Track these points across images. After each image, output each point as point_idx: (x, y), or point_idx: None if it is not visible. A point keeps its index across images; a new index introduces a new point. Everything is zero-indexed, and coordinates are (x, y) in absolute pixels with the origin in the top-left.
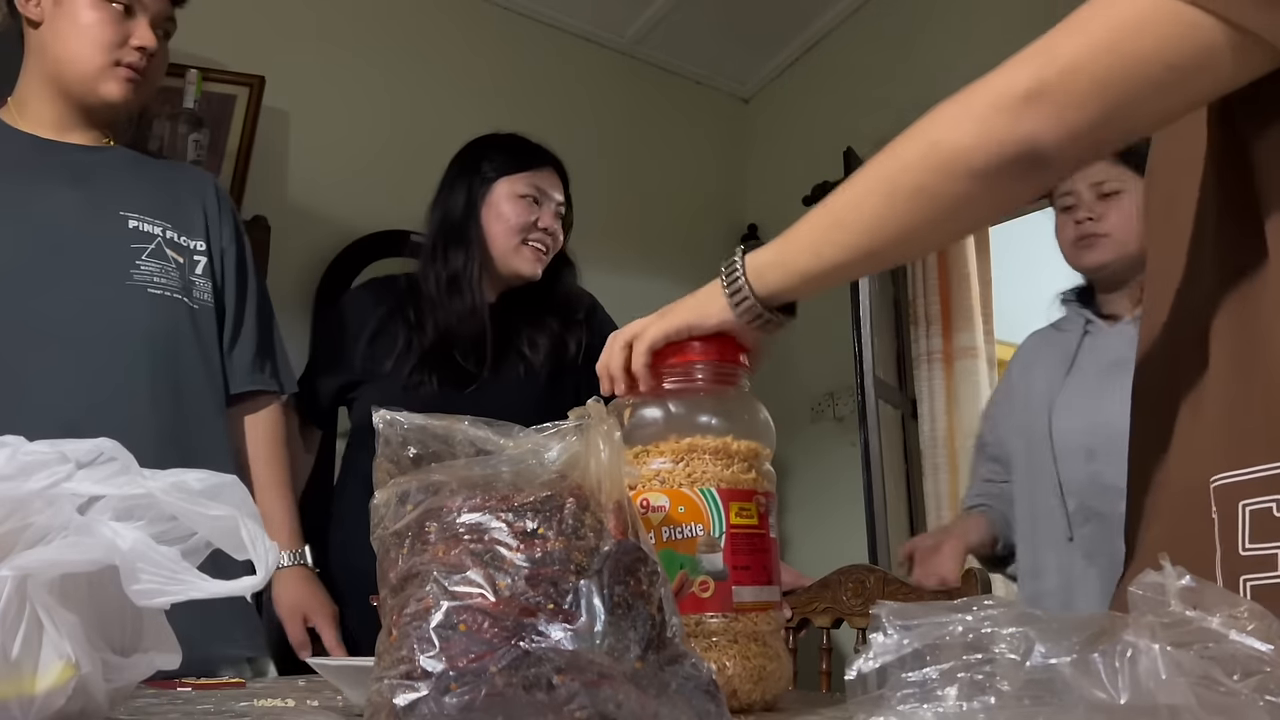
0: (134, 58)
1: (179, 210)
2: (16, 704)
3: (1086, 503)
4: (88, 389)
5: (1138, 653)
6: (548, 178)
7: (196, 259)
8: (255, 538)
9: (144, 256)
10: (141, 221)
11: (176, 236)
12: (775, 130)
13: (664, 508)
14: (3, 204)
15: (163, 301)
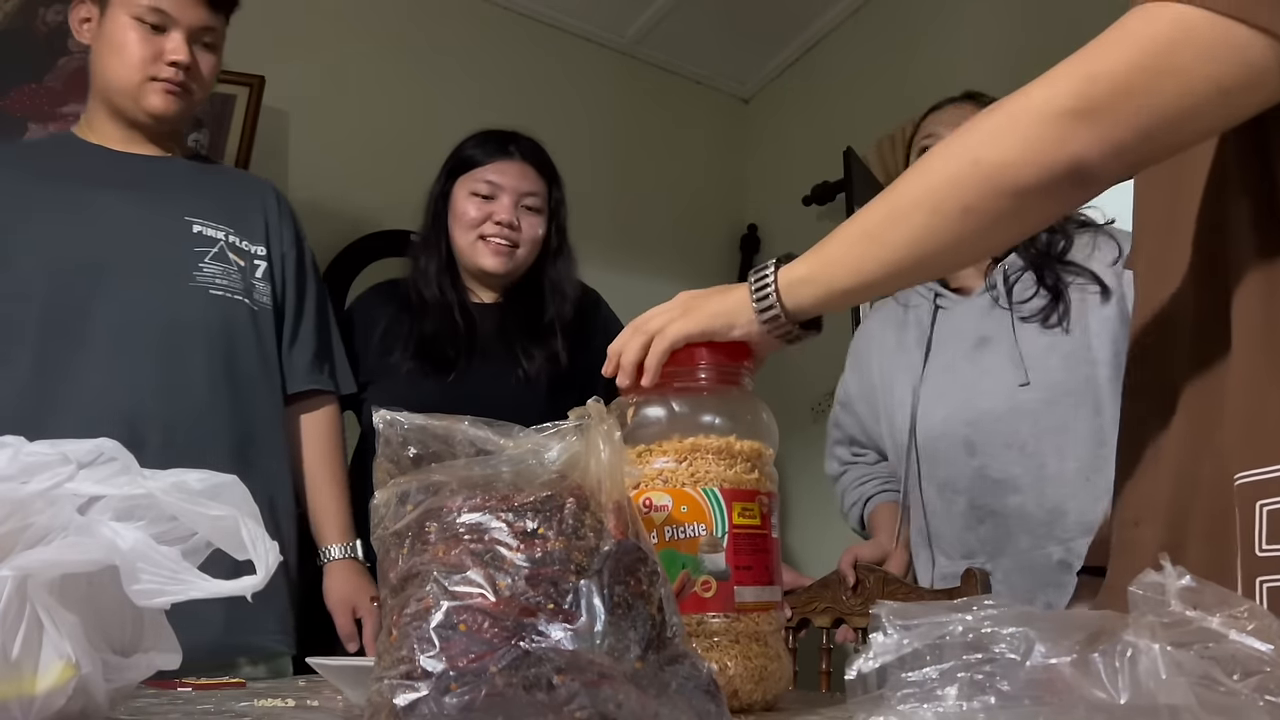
0: (169, 72)
1: (241, 216)
2: (17, 704)
3: (977, 501)
4: (144, 384)
5: (1138, 653)
6: (508, 169)
7: (257, 263)
8: (255, 538)
9: (207, 259)
10: (206, 226)
11: (239, 241)
12: (775, 130)
13: (666, 507)
14: (70, 208)
15: (224, 302)
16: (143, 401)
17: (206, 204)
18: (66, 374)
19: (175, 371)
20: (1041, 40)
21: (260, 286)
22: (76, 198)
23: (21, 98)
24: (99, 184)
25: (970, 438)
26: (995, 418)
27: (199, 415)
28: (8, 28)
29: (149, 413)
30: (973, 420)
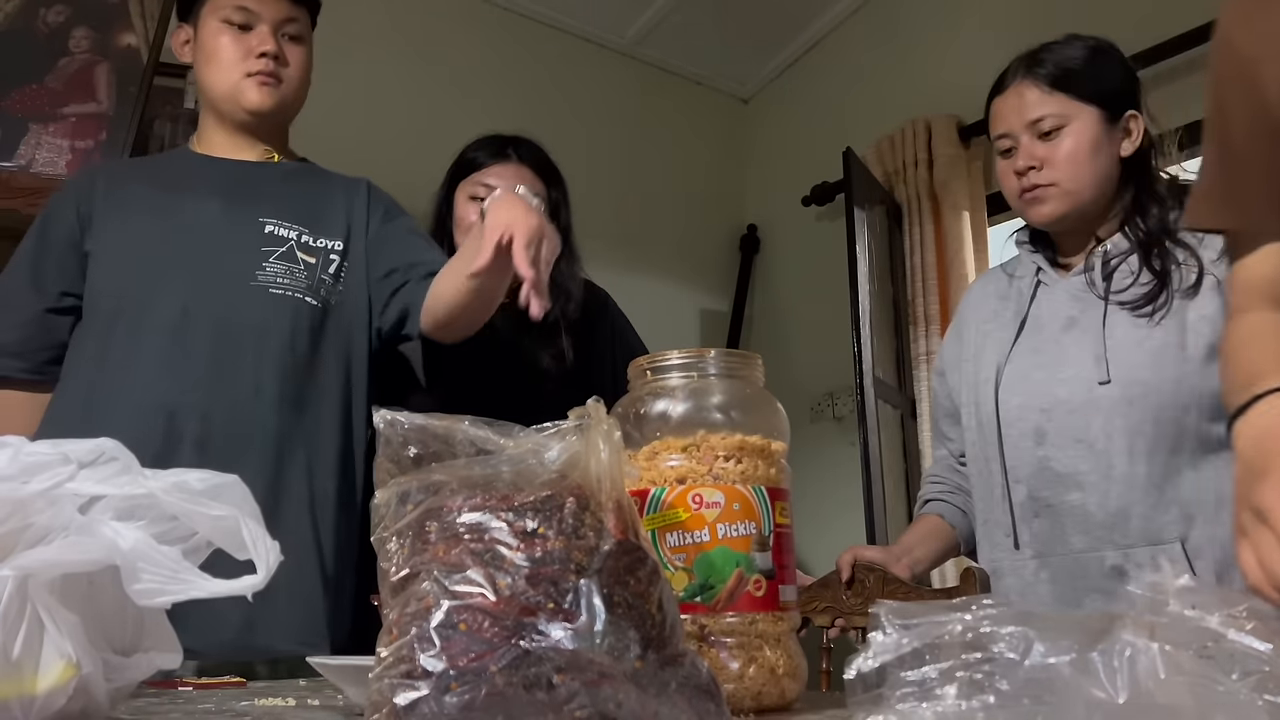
0: (259, 65)
1: (319, 214)
2: (18, 704)
3: (1037, 493)
4: (188, 378)
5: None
6: (506, 172)
7: (332, 258)
8: (256, 537)
9: (272, 259)
10: (278, 226)
11: (312, 240)
12: (775, 131)
13: (719, 504)
14: (153, 211)
15: (284, 301)
16: (185, 395)
17: (285, 205)
18: (120, 365)
19: (223, 368)
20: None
21: (330, 283)
22: (161, 202)
23: (22, 98)
24: (184, 189)
25: (1041, 426)
26: (1069, 409)
27: (240, 412)
28: (8, 28)
29: (190, 406)
30: (1047, 408)
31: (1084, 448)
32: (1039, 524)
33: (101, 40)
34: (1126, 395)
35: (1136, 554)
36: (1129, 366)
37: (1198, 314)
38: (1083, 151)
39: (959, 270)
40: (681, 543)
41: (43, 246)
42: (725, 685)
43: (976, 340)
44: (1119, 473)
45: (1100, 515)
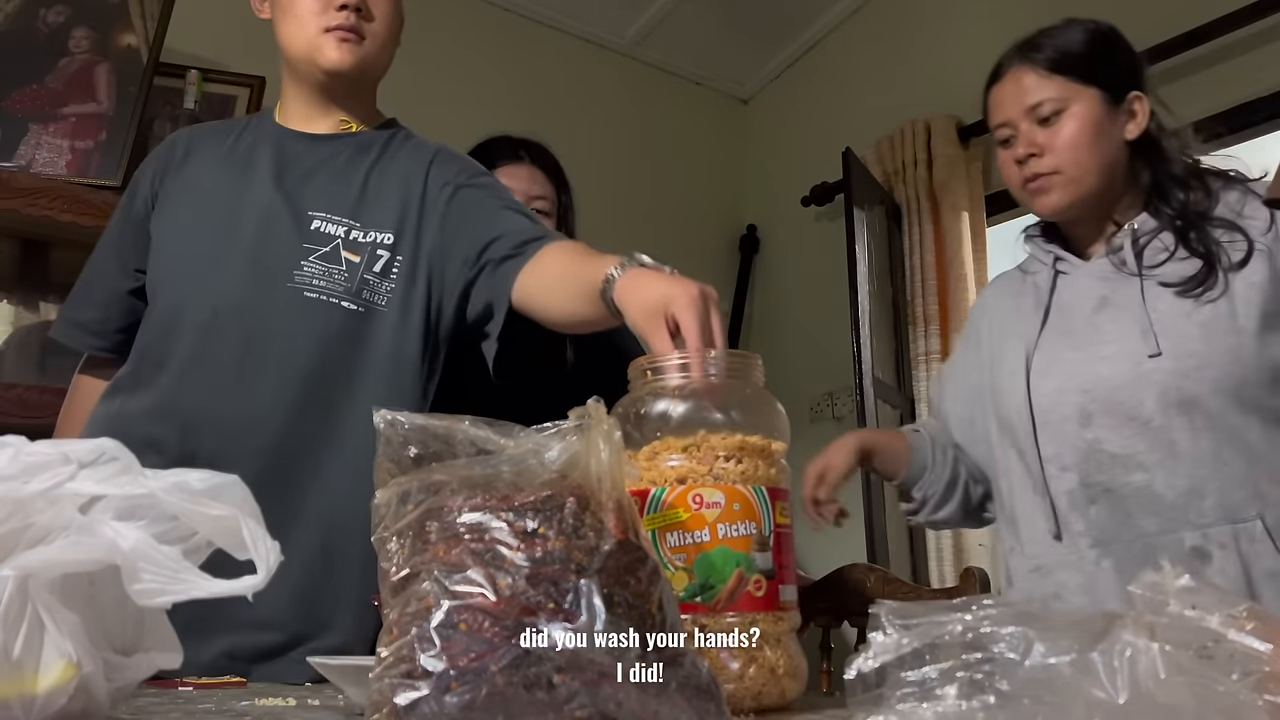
0: (339, 18)
1: (374, 202)
2: (18, 703)
3: (1090, 478)
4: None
5: (1137, 652)
6: (518, 173)
7: (379, 254)
8: (256, 537)
9: (313, 258)
10: (325, 222)
11: (362, 234)
12: (774, 131)
13: (720, 504)
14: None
15: (318, 306)
16: (202, 408)
17: (339, 194)
18: (152, 364)
19: (245, 381)
20: None
21: (374, 282)
22: (218, 186)
23: (22, 98)
24: (245, 170)
25: (1085, 407)
26: (1115, 386)
27: (257, 422)
28: (8, 28)
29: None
30: (1089, 388)
31: (1138, 426)
32: (1097, 511)
33: (101, 40)
34: (1180, 368)
35: (1217, 533)
36: (1179, 338)
37: (1246, 282)
38: (1085, 135)
39: (958, 270)
40: (682, 543)
41: (125, 218)
42: (725, 685)
43: (994, 341)
44: (1184, 449)
45: (1170, 495)
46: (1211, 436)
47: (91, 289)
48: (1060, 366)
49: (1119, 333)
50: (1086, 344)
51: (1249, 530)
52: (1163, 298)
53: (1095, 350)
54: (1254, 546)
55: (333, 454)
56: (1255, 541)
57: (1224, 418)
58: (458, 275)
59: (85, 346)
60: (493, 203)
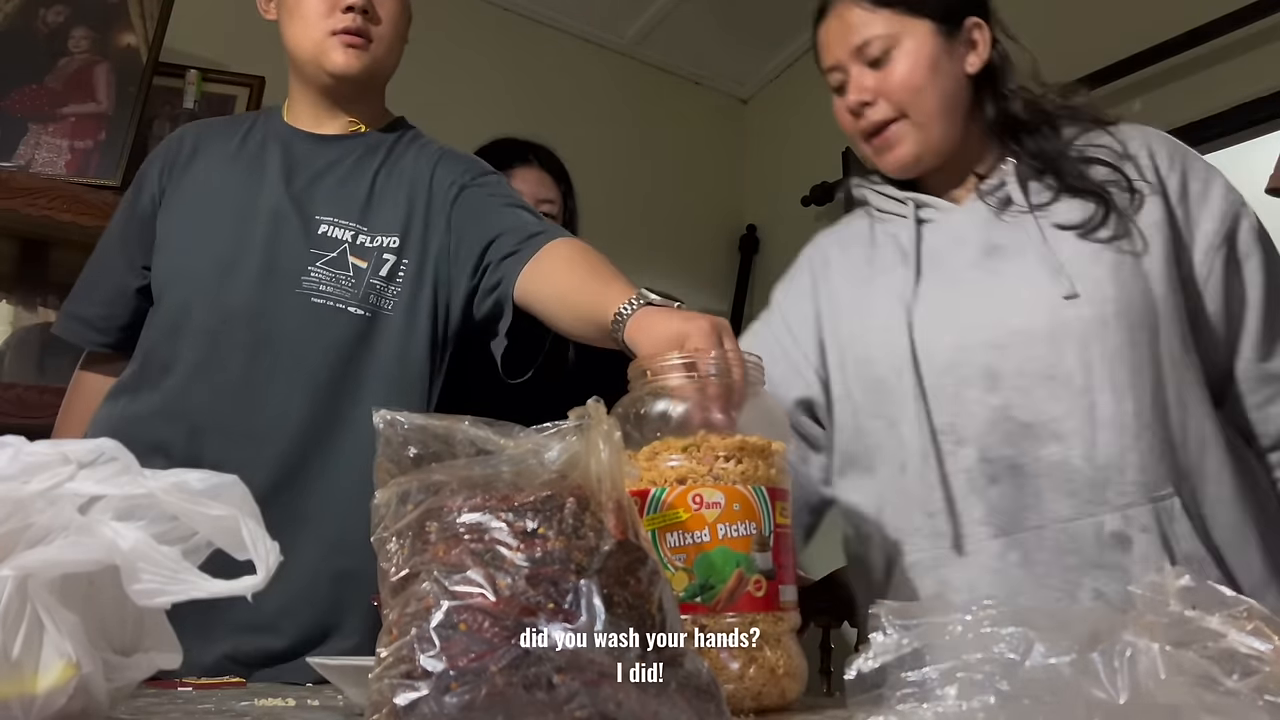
0: (345, 21)
1: (379, 205)
2: (18, 703)
3: (993, 452)
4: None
5: (1138, 653)
6: (527, 175)
7: (385, 258)
8: (256, 538)
9: (320, 264)
10: (333, 227)
11: (369, 239)
12: (774, 131)
13: (719, 504)
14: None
15: (325, 312)
16: (210, 416)
17: (346, 197)
18: (159, 366)
19: (252, 389)
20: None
21: (380, 286)
22: (227, 184)
23: (21, 98)
24: (254, 169)
25: (994, 366)
26: (1031, 339)
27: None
28: (8, 28)
29: (212, 430)
30: (1000, 343)
31: (1057, 386)
32: (998, 492)
33: (101, 40)
34: (1099, 315)
35: (1138, 514)
36: (1093, 281)
37: (1145, 223)
38: (919, 74)
39: None
40: (682, 543)
41: (131, 214)
42: (725, 685)
43: (846, 293)
44: (1105, 414)
45: (1089, 470)
46: (1134, 397)
47: (96, 285)
48: (955, 319)
49: (1025, 277)
50: (985, 292)
51: (1169, 508)
52: (1064, 240)
53: (1002, 297)
54: (1174, 527)
55: (339, 460)
56: (1175, 521)
57: (1144, 374)
58: (464, 275)
59: (88, 343)
60: (496, 200)
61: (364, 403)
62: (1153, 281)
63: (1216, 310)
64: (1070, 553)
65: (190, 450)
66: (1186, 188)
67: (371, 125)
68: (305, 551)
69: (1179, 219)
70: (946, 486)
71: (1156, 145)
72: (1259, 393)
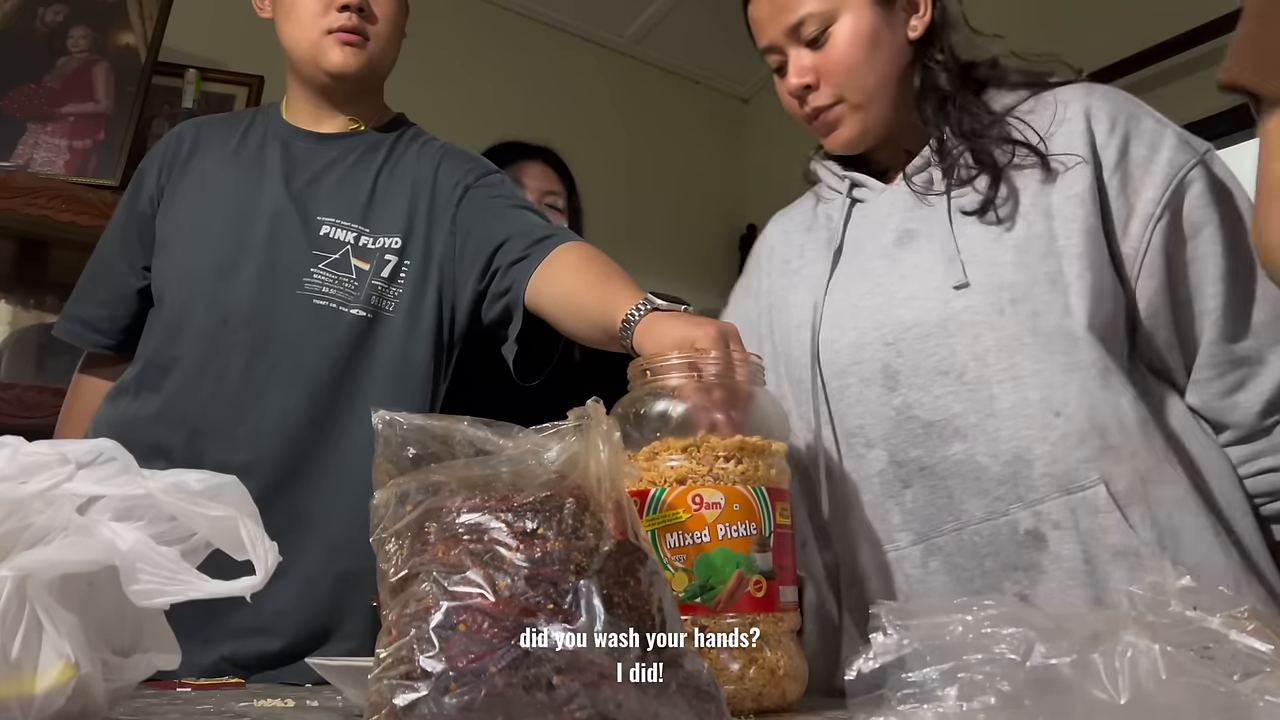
0: (341, 20)
1: (381, 205)
2: (16, 704)
3: (902, 454)
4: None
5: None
6: (532, 169)
7: (387, 259)
8: (255, 538)
9: (322, 265)
10: (335, 228)
11: (371, 240)
12: (774, 130)
13: (719, 504)
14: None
15: (326, 313)
16: (209, 418)
17: (347, 198)
18: (158, 368)
19: (253, 388)
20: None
21: (382, 288)
22: (230, 184)
23: (21, 98)
24: (256, 169)
25: (890, 364)
26: (923, 334)
27: (264, 432)
28: (7, 28)
29: (212, 432)
30: (893, 339)
31: (950, 381)
32: (913, 496)
33: (100, 40)
34: (994, 303)
35: (1050, 509)
36: (990, 266)
37: (1064, 195)
38: (857, 51)
39: None
40: (681, 543)
41: (130, 213)
42: (725, 686)
43: (777, 285)
44: (1004, 405)
45: (995, 467)
46: (1039, 384)
47: (97, 286)
48: (857, 315)
49: (922, 266)
50: (886, 285)
51: (1088, 500)
52: (968, 224)
53: (897, 290)
54: (1096, 520)
55: (339, 462)
56: (1098, 514)
57: (1052, 359)
58: (470, 278)
59: (90, 344)
60: (501, 202)
61: (364, 405)
62: (1065, 260)
63: (1158, 287)
64: (988, 555)
65: (190, 452)
66: (1127, 153)
67: (371, 123)
68: (307, 553)
69: (1111, 190)
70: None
71: (1097, 108)
72: (1225, 378)
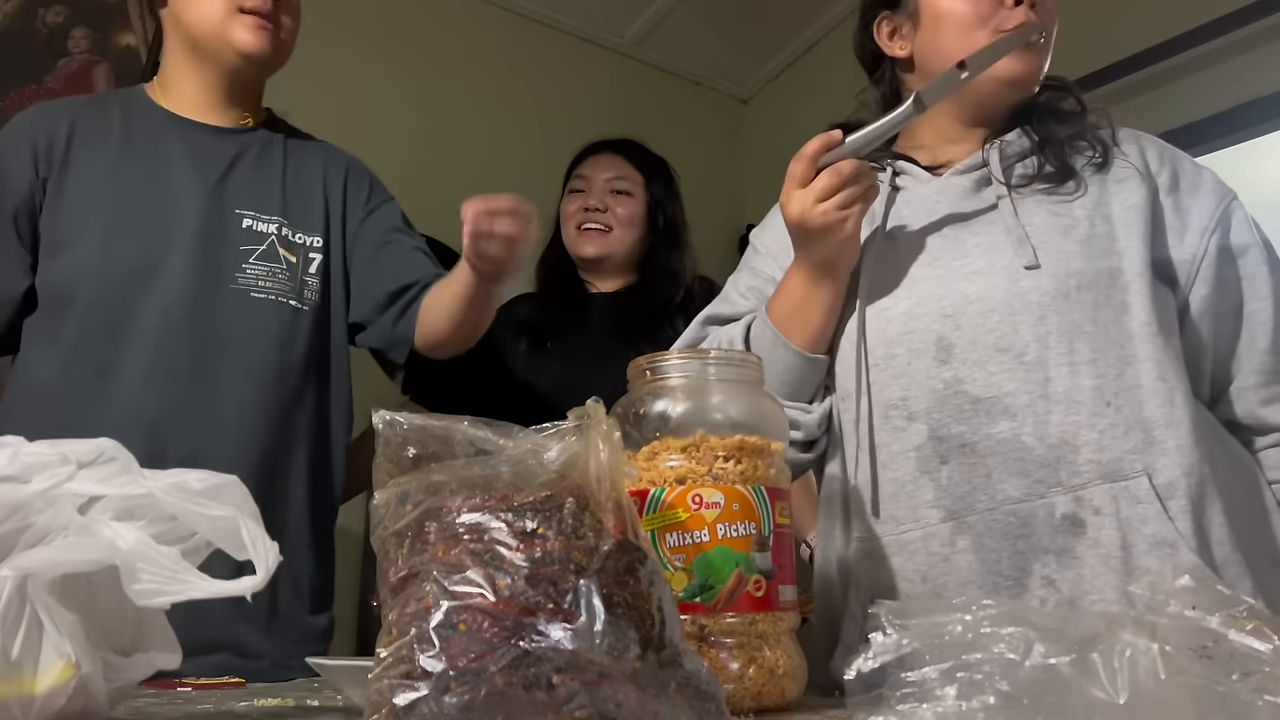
0: (256, 2)
1: (298, 202)
2: (17, 704)
3: (944, 429)
4: (173, 390)
5: (1136, 652)
6: (597, 161)
7: (312, 256)
8: (255, 538)
9: (252, 259)
10: (256, 220)
11: (292, 234)
12: (774, 131)
13: (719, 504)
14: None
15: (266, 306)
16: (167, 411)
17: (262, 191)
18: (98, 372)
19: (204, 383)
20: None
21: (312, 283)
22: (149, 182)
23: (21, 98)
24: (159, 160)
25: (946, 337)
26: (987, 309)
27: (224, 431)
28: (8, 29)
29: (172, 424)
30: (953, 311)
31: (1010, 359)
32: (949, 473)
33: (100, 40)
34: (1060, 288)
35: (1092, 495)
36: (1057, 253)
37: (1123, 205)
38: None
39: None
40: (681, 543)
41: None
42: (725, 685)
43: None
44: (1059, 389)
45: (1040, 449)
46: (1094, 373)
47: None
48: (912, 286)
49: (987, 245)
50: (945, 259)
51: (1131, 490)
52: (1035, 214)
53: (959, 266)
54: (1136, 510)
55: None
56: (1139, 503)
57: (1109, 350)
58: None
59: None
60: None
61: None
62: (1126, 260)
63: (1208, 295)
64: (1020, 537)
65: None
66: (1177, 182)
67: (257, 119)
68: None
69: (1165, 208)
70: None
71: (1147, 144)
72: (1270, 387)
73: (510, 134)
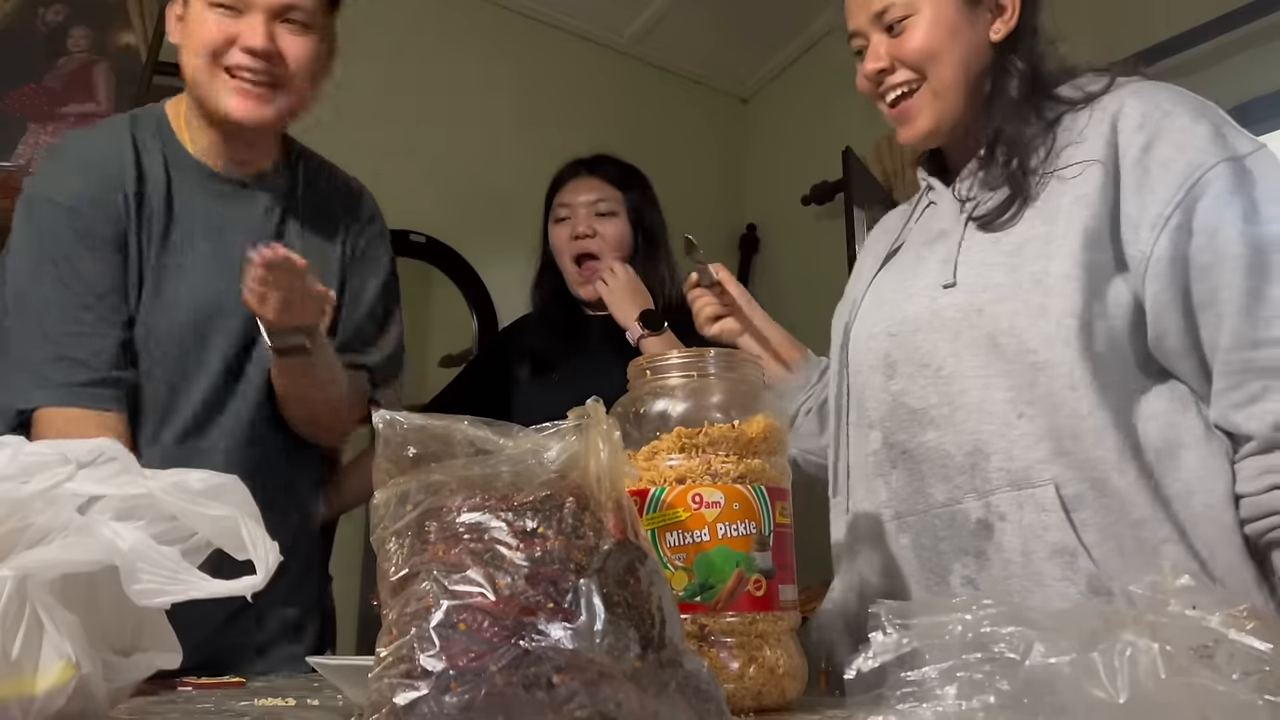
0: (239, 59)
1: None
2: (17, 704)
3: (892, 438)
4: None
5: (1137, 652)
6: (575, 187)
7: None
8: (255, 538)
9: None
10: None
11: None
12: (774, 130)
13: (719, 503)
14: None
15: None
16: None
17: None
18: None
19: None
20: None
21: None
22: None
23: (21, 98)
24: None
25: (891, 354)
26: (914, 328)
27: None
28: (7, 28)
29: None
30: (895, 331)
31: (931, 374)
32: (897, 477)
33: (100, 40)
34: (973, 303)
35: (999, 502)
36: (979, 267)
37: (1073, 197)
38: (936, 38)
39: None
40: (681, 542)
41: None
42: (725, 685)
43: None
44: (973, 400)
45: (959, 457)
46: (1007, 385)
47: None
48: (879, 309)
49: (930, 267)
50: (904, 280)
51: (1037, 498)
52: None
53: (908, 286)
54: (1040, 518)
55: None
56: (1044, 511)
57: (1023, 359)
58: None
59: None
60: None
61: None
62: (1054, 262)
63: (1165, 292)
64: (944, 538)
65: None
66: (1150, 151)
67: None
68: None
69: (1126, 187)
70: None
71: (1130, 106)
72: (1243, 388)
73: (510, 132)
